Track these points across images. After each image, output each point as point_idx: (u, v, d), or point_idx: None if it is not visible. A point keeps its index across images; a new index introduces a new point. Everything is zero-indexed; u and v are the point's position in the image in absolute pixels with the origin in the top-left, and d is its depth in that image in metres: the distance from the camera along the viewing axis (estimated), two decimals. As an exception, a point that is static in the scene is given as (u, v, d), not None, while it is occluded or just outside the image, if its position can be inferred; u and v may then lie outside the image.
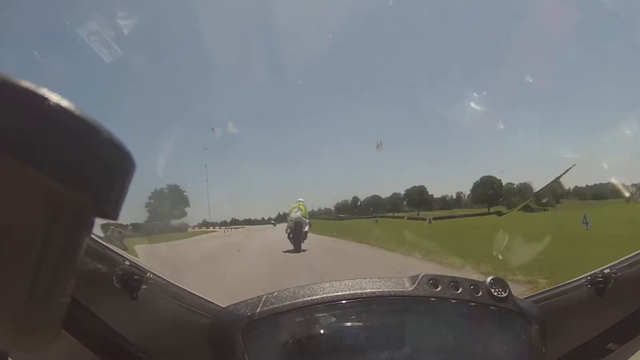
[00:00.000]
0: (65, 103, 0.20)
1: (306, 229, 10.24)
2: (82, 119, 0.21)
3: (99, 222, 0.25)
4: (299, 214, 10.13)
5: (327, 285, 0.75)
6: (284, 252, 9.04)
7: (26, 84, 0.20)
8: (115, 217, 0.24)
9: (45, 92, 0.20)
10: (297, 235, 9.85)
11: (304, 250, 9.16)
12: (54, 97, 0.20)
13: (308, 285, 0.75)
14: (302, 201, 10.78)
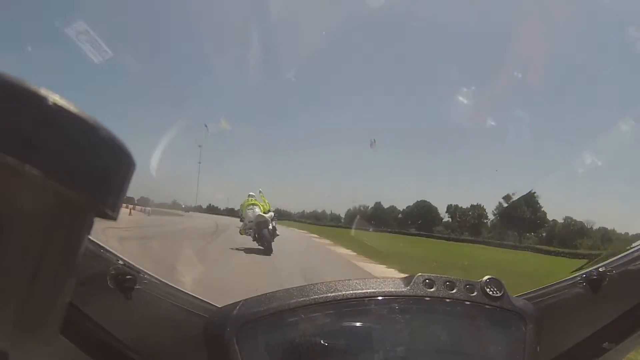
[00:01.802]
0: (65, 103, 0.21)
1: (273, 224, 8.53)
2: (82, 119, 0.21)
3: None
4: (257, 211, 8.45)
5: (323, 285, 0.75)
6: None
7: (26, 84, 0.20)
8: (114, 217, 0.24)
9: (45, 92, 0.20)
10: (263, 236, 8.23)
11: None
12: (54, 97, 0.20)
13: (304, 286, 0.75)
14: (253, 195, 9.10)
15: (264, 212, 8.67)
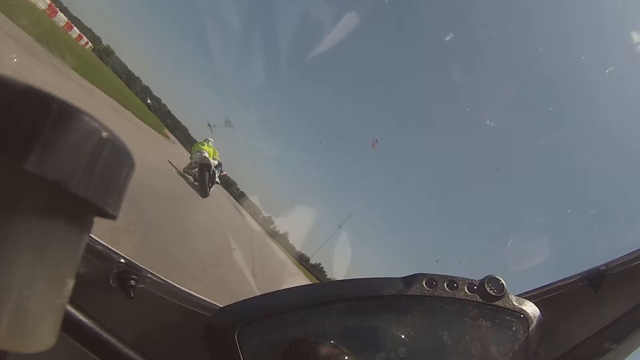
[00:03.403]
0: (65, 102, 0.21)
1: (216, 172, 8.74)
2: (82, 119, 0.21)
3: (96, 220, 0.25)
4: (205, 154, 8.69)
5: (325, 285, 0.75)
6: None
7: (26, 83, 0.20)
8: (114, 217, 0.25)
9: (45, 91, 0.20)
10: (202, 178, 8.46)
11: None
12: (54, 97, 0.20)
13: (305, 285, 0.75)
14: (210, 140, 9.28)
15: (212, 159, 8.99)
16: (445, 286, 0.74)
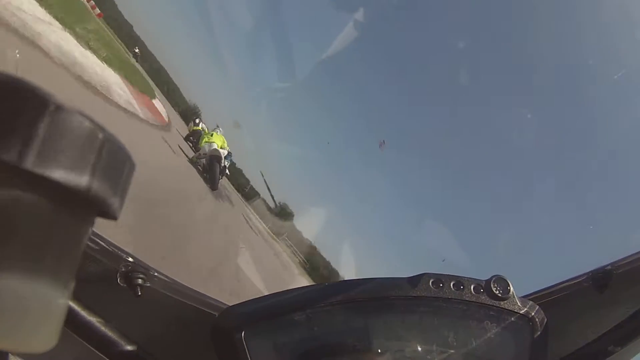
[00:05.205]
0: (66, 103, 0.21)
1: (225, 163, 8.60)
2: (83, 120, 0.21)
3: (100, 219, 0.25)
4: (214, 146, 8.55)
5: (332, 285, 0.75)
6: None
7: (27, 83, 0.20)
8: (116, 217, 0.25)
9: (46, 92, 0.20)
10: (213, 170, 8.25)
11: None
12: (55, 97, 0.20)
13: (312, 285, 0.75)
14: (219, 130, 9.18)
15: (221, 148, 8.87)
16: (452, 286, 0.74)
